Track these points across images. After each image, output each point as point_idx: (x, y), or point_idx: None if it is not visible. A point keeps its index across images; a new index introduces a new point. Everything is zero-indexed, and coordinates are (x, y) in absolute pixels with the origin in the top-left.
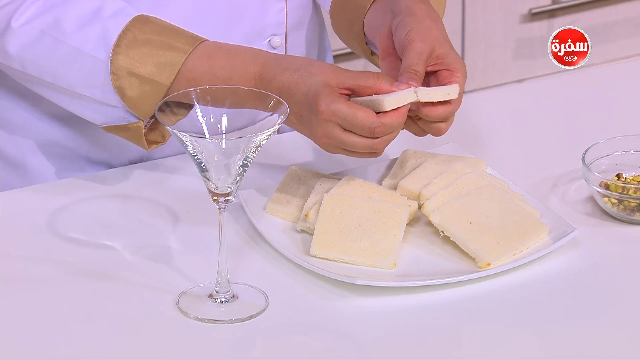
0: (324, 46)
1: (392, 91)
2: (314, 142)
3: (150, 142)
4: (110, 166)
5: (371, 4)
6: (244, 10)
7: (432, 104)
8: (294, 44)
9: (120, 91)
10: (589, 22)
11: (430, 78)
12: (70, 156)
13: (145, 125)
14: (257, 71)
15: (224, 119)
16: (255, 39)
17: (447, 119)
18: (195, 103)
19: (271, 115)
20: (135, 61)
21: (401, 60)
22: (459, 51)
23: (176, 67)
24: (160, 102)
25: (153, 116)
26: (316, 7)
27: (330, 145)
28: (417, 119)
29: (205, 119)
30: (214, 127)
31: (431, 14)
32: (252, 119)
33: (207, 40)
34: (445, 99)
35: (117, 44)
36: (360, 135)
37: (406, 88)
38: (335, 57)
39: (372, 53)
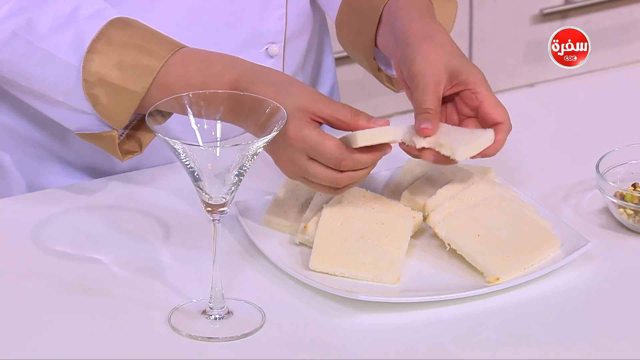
0: (323, 51)
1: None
2: (276, 164)
3: (126, 152)
4: (93, 172)
5: (379, 18)
6: (242, 15)
7: (492, 145)
8: (292, 52)
9: (93, 99)
10: (603, 22)
11: (455, 101)
12: (50, 158)
13: (121, 135)
14: (231, 81)
15: (219, 126)
16: (252, 46)
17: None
18: (189, 109)
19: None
20: (108, 68)
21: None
22: (466, 54)
23: (152, 74)
24: (151, 107)
25: (128, 125)
26: (317, 12)
27: (292, 171)
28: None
29: (198, 125)
30: (208, 134)
31: (426, 34)
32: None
33: (186, 46)
34: (482, 150)
35: (91, 49)
36: (325, 166)
37: (381, 125)
38: (337, 59)
39: (379, 69)
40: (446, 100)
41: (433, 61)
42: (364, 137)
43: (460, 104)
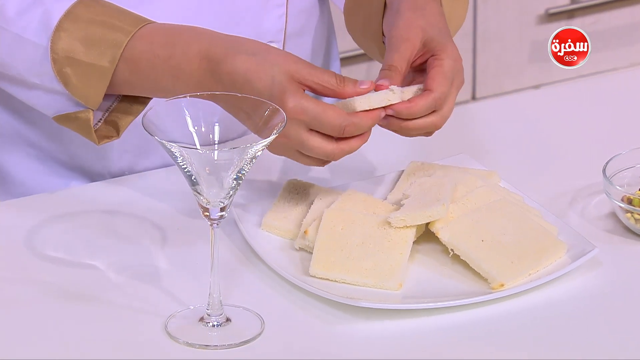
0: (331, 55)
1: (357, 93)
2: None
3: (102, 137)
4: (86, 173)
5: (384, 8)
6: (241, 15)
7: (405, 102)
8: (293, 52)
9: (64, 78)
10: (610, 22)
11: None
12: (44, 159)
13: (99, 121)
14: (202, 49)
15: (216, 128)
16: None
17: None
18: (186, 111)
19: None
20: (75, 45)
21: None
22: (470, 54)
23: (119, 48)
24: (147, 110)
25: (108, 108)
26: (324, 13)
27: (285, 147)
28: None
29: (196, 128)
30: (206, 136)
31: (416, 5)
32: (246, 128)
33: (155, 22)
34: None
35: (58, 28)
36: (323, 137)
37: (367, 87)
38: (341, 59)
39: None
40: (418, 70)
41: (412, 27)
42: (362, 103)
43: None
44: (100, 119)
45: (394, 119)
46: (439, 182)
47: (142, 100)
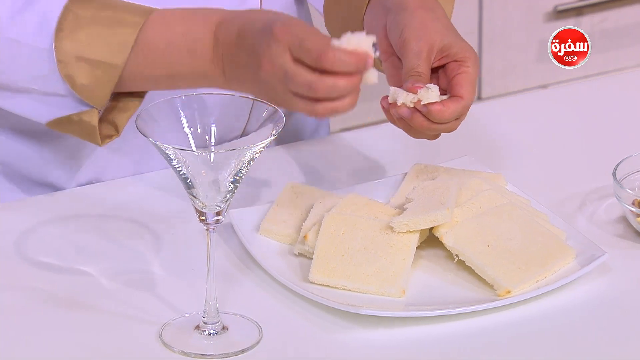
0: None
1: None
2: (255, 76)
3: (103, 137)
4: (57, 189)
5: (367, 4)
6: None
7: (438, 104)
8: None
9: (70, 79)
10: (620, 20)
11: (439, 73)
12: (12, 175)
13: None
14: (219, 18)
15: (213, 130)
16: None
17: (460, 116)
18: (181, 112)
19: (265, 125)
20: (83, 44)
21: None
22: None
23: (129, 44)
24: (143, 110)
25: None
26: (301, 13)
27: (269, 86)
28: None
29: (191, 129)
30: (202, 138)
31: (425, 3)
32: (243, 129)
33: (159, 9)
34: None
35: (59, 28)
36: (307, 67)
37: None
38: None
39: None
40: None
41: (429, 29)
42: (351, 42)
43: (442, 76)
44: None
45: (419, 116)
46: (443, 186)
47: (139, 95)
